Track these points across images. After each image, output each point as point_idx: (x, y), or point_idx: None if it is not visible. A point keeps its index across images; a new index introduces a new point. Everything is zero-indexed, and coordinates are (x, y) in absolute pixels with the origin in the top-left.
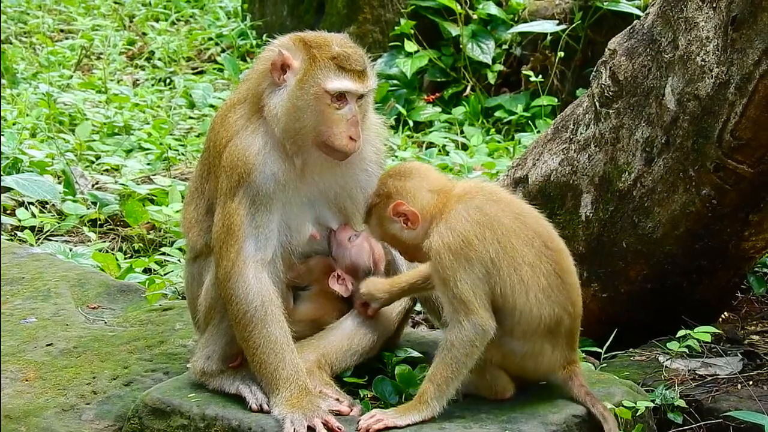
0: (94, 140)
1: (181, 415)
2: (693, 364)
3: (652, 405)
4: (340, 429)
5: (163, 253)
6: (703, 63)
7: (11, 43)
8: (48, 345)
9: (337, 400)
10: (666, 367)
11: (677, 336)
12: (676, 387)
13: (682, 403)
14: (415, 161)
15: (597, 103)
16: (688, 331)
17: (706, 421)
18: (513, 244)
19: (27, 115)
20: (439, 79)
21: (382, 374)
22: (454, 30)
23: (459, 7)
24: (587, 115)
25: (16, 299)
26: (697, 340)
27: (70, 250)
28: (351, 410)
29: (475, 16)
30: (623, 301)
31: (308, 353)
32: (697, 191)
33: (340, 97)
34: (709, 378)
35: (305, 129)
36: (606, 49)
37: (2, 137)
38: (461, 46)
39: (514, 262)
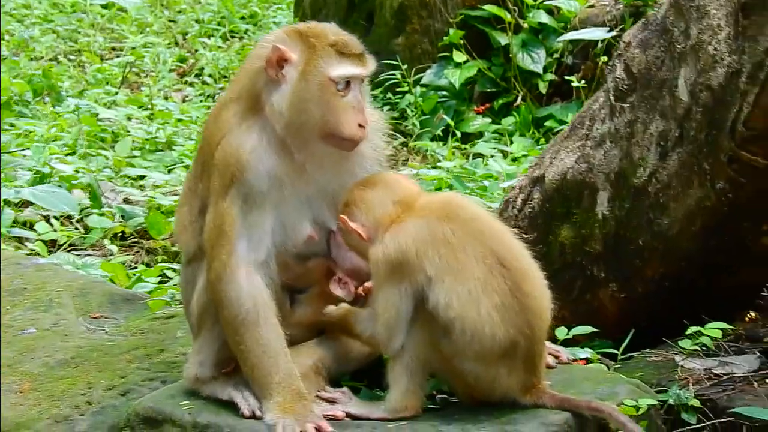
0: (136, 156)
1: (173, 423)
2: (709, 363)
3: (655, 404)
4: None
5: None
6: (714, 52)
7: (58, 62)
8: (45, 356)
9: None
10: (681, 366)
11: (687, 333)
12: (691, 386)
13: (696, 402)
14: (392, 172)
15: (612, 98)
16: (699, 328)
17: (719, 420)
18: (459, 259)
19: (68, 131)
20: (489, 90)
21: (382, 378)
22: (503, 39)
23: (509, 16)
24: (603, 111)
25: (16, 310)
26: (711, 337)
27: (80, 261)
28: (344, 415)
29: (525, 25)
30: (641, 301)
31: (305, 357)
32: (711, 185)
33: (345, 84)
34: (725, 377)
35: (311, 121)
36: (620, 42)
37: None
38: (511, 55)
39: (461, 276)
